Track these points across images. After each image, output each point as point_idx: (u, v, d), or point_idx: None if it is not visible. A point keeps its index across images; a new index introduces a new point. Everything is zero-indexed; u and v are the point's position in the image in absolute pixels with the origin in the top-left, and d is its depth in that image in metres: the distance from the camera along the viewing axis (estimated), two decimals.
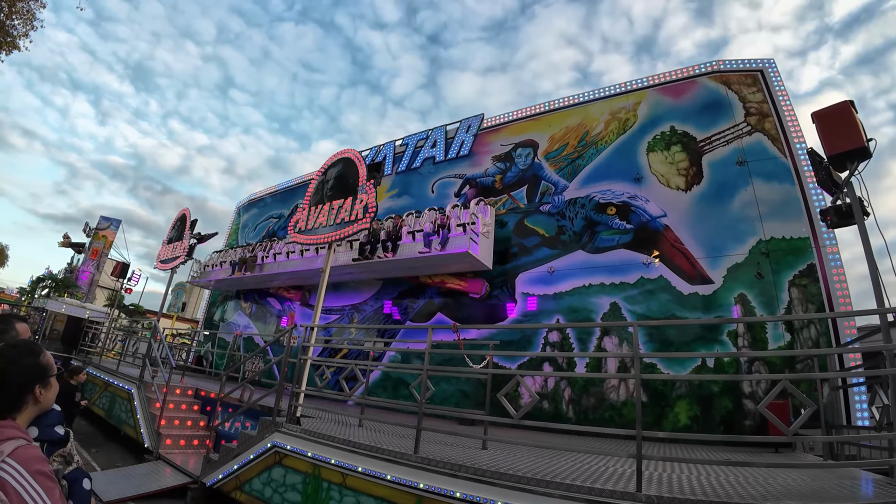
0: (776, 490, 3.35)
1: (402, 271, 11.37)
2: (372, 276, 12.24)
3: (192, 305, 48.36)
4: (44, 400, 1.51)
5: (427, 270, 11.05)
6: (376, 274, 11.94)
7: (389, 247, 10.51)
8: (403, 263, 10.65)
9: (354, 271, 11.74)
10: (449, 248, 9.69)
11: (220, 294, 18.08)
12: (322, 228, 7.05)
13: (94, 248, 27.36)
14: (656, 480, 3.62)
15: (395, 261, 10.50)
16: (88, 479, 1.72)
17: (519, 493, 3.41)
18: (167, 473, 6.61)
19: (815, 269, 7.31)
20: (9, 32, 12.24)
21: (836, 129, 4.59)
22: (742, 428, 7.02)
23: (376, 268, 11.24)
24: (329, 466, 4.67)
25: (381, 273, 11.82)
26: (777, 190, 7.98)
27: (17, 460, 1.26)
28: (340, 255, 11.39)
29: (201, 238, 11.41)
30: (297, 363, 5.94)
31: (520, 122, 11.72)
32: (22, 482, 1.23)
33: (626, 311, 8.58)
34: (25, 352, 1.50)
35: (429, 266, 10.65)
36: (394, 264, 10.76)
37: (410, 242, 10.44)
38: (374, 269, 11.33)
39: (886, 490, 3.46)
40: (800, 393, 3.02)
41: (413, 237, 10.46)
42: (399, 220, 11.14)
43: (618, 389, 8.19)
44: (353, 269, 11.45)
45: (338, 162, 7.42)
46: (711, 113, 9.07)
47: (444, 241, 9.70)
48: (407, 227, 10.73)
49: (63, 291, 21.96)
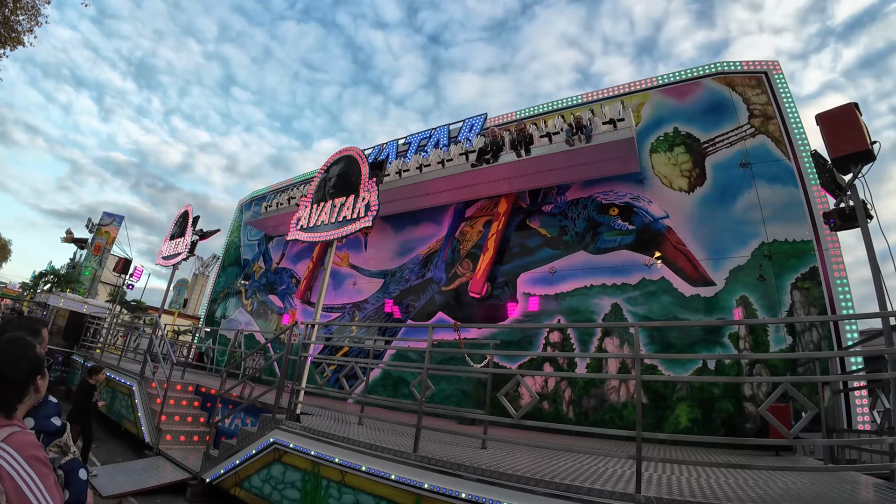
0: (776, 493, 3.34)
1: (535, 178, 10.32)
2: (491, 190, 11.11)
3: (193, 302, 48.47)
4: (41, 389, 1.56)
5: (568, 175, 9.96)
6: (500, 183, 10.76)
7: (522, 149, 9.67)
8: (542, 162, 9.71)
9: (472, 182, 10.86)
10: (596, 140, 8.93)
11: (222, 291, 18.11)
12: (323, 226, 7.05)
13: (97, 244, 27.47)
14: (656, 482, 3.61)
15: (530, 160, 9.64)
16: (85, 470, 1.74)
17: (519, 493, 3.41)
18: (167, 469, 6.63)
19: (817, 273, 7.29)
20: (13, 28, 12.28)
21: (841, 132, 4.57)
22: (743, 431, 7.00)
23: (497, 174, 10.38)
24: (328, 464, 4.67)
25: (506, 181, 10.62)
26: (780, 192, 7.95)
27: (12, 445, 1.28)
28: (450, 166, 10.82)
29: (203, 235, 11.42)
30: (298, 360, 5.95)
31: (523, 121, 11.69)
32: (16, 466, 1.24)
33: (628, 313, 8.57)
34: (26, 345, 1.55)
35: (572, 167, 9.60)
36: (529, 165, 9.83)
37: (547, 144, 9.57)
38: (494, 176, 10.44)
39: (887, 494, 3.45)
40: (801, 396, 3.01)
41: (550, 139, 9.57)
42: (523, 125, 10.25)
43: (618, 391, 8.18)
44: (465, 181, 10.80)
45: (340, 160, 7.42)
46: (715, 114, 9.04)
47: (588, 136, 8.97)
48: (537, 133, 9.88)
49: (65, 286, 22.04)
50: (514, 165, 10.00)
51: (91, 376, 6.93)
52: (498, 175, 10.45)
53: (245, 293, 16.87)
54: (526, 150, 9.69)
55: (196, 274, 53.43)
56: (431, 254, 11.91)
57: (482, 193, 11.35)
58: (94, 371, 7.01)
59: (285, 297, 15.18)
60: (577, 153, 9.22)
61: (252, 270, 17.02)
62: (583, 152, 9.18)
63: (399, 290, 12.09)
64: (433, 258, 11.81)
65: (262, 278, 16.41)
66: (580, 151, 9.17)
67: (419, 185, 11.42)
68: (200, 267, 53.34)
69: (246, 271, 17.33)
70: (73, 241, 25.65)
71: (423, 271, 11.81)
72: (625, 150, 8.97)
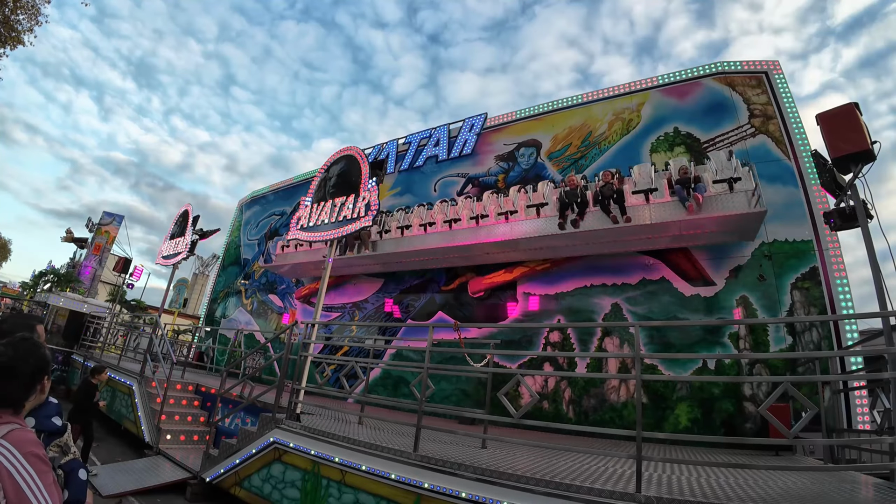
0: (776, 493, 3.34)
1: (628, 243, 8.48)
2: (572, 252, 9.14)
3: (193, 301, 48.48)
4: (46, 391, 1.57)
5: (666, 242, 8.25)
6: (583, 247, 8.88)
7: (615, 209, 7.93)
8: (642, 230, 7.91)
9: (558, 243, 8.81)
10: (710, 208, 7.31)
11: (222, 290, 18.11)
12: (324, 226, 7.05)
13: (97, 244, 27.46)
14: (656, 482, 3.61)
15: (631, 227, 7.83)
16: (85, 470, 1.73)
17: (519, 493, 3.41)
18: (167, 468, 6.63)
19: (817, 272, 7.29)
20: (13, 27, 12.28)
21: (841, 132, 4.57)
22: (743, 430, 7.00)
23: (589, 238, 8.46)
24: (328, 464, 4.67)
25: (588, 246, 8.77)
26: (780, 192, 7.95)
27: (11, 442, 1.28)
28: (521, 224, 8.98)
29: (203, 234, 11.43)
30: (298, 360, 5.95)
31: (523, 121, 11.71)
32: (14, 463, 1.24)
33: (628, 312, 8.57)
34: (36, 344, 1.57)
35: (678, 234, 7.90)
36: (626, 231, 7.99)
37: (644, 205, 7.91)
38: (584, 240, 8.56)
39: (887, 494, 3.45)
40: (801, 396, 3.01)
41: (647, 198, 7.89)
42: (610, 176, 8.36)
43: (618, 390, 8.18)
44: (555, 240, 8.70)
45: (341, 159, 7.42)
46: (715, 114, 9.04)
47: (700, 193, 7.25)
48: (627, 185, 8.18)
49: (65, 286, 22.03)
50: (603, 231, 8.12)
51: (93, 376, 6.93)
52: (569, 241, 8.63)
53: (245, 293, 16.86)
54: (621, 210, 7.79)
55: (196, 273, 53.45)
56: None
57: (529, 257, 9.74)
58: (97, 371, 7.01)
59: (285, 296, 15.18)
60: (690, 221, 7.49)
61: (252, 270, 17.02)
62: (698, 221, 7.44)
63: (399, 289, 12.08)
64: None
65: (262, 278, 16.40)
66: (695, 221, 7.43)
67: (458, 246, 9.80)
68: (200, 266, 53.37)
69: (246, 271, 17.32)
70: (73, 241, 25.63)
71: (424, 270, 11.80)
72: (751, 224, 7.31)
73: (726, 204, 7.28)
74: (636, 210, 7.92)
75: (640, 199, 8.02)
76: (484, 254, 9.91)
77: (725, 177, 7.44)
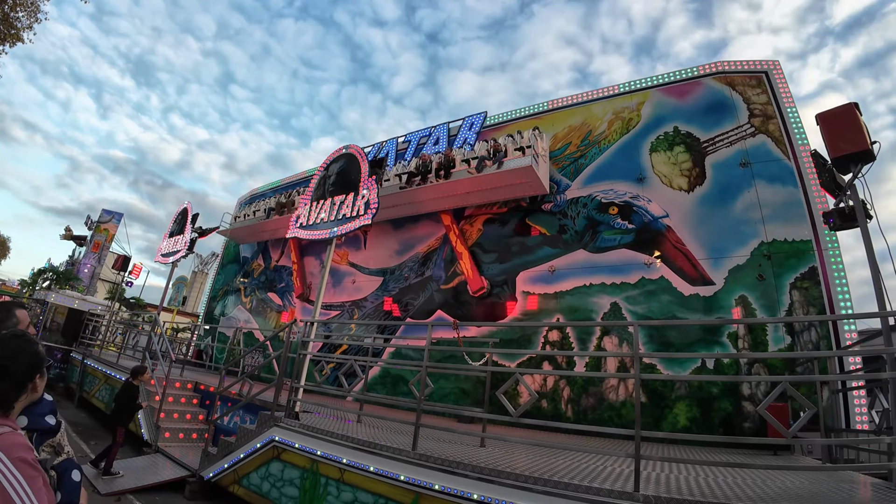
0: (774, 492, 3.34)
1: (454, 199, 11.23)
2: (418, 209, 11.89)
3: (192, 300, 48.42)
4: (39, 389, 1.54)
5: (479, 198, 10.89)
6: (424, 205, 11.65)
7: (442, 174, 10.57)
8: (458, 187, 10.58)
9: (400, 203, 11.55)
10: (507, 166, 9.68)
11: (221, 288, 18.10)
12: (323, 224, 7.05)
13: (96, 241, 27.44)
14: (654, 481, 3.61)
15: (448, 184, 10.51)
16: (78, 471, 1.69)
17: (518, 491, 3.41)
18: (166, 466, 6.63)
19: (816, 272, 7.29)
20: (13, 25, 12.25)
21: (841, 132, 4.57)
22: (741, 430, 7.02)
23: (425, 195, 11.16)
24: (327, 462, 4.68)
25: (430, 203, 11.51)
26: (780, 192, 7.95)
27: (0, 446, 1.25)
28: (386, 186, 11.30)
29: (202, 232, 11.44)
30: (297, 358, 5.94)
31: (522, 120, 11.70)
32: (2, 469, 1.21)
33: (627, 312, 8.57)
34: (28, 341, 1.53)
35: (484, 191, 10.51)
36: (447, 189, 10.74)
37: (466, 168, 10.44)
38: (423, 196, 11.22)
39: (885, 494, 3.45)
40: (800, 395, 3.01)
41: (469, 164, 10.44)
42: (449, 151, 11.24)
43: (617, 389, 8.19)
44: (401, 199, 11.36)
45: (340, 157, 7.41)
46: (715, 114, 9.04)
47: (499, 163, 9.76)
48: (459, 157, 10.88)
49: (64, 284, 22.01)
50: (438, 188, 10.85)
51: (135, 378, 6.88)
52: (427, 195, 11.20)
53: (244, 291, 16.86)
54: (446, 175, 10.74)
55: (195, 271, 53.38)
56: (431, 252, 11.90)
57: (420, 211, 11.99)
58: (139, 372, 6.94)
59: (284, 294, 15.18)
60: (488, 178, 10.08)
61: (251, 268, 17.02)
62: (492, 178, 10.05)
63: (398, 288, 12.09)
64: (432, 256, 11.80)
65: (261, 276, 16.41)
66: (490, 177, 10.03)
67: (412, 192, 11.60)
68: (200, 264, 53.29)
69: (245, 269, 17.32)
70: (73, 239, 25.64)
71: (423, 269, 11.81)
72: (529, 176, 9.73)
73: (516, 164, 9.58)
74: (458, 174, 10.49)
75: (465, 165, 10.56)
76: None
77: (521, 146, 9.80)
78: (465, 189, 10.66)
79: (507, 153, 9.94)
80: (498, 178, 9.97)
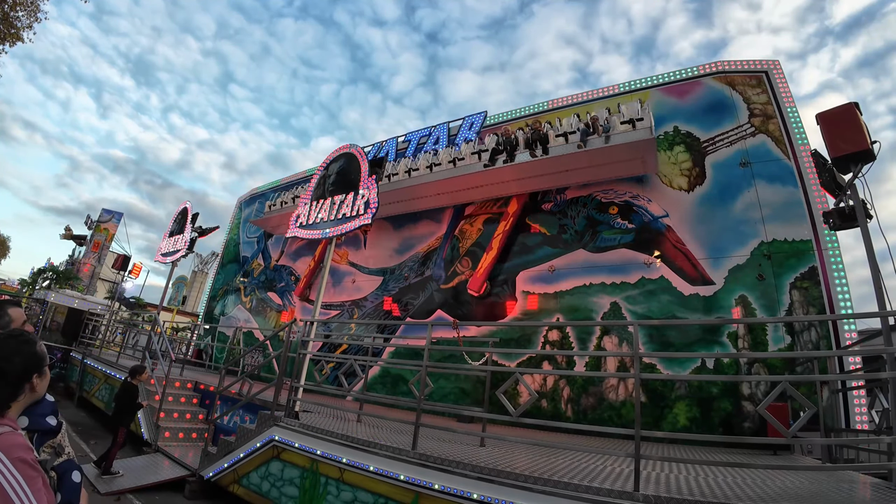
0: (774, 492, 3.34)
1: (551, 178, 9.93)
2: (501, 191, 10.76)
3: (192, 299, 48.41)
4: (38, 389, 1.52)
5: (581, 176, 9.61)
6: (512, 184, 10.40)
7: (538, 148, 9.35)
8: (558, 163, 9.33)
9: (485, 183, 10.46)
10: (615, 140, 8.57)
11: (221, 288, 18.10)
12: (323, 223, 7.04)
13: (96, 241, 27.43)
14: (654, 480, 3.61)
15: (546, 160, 9.27)
16: (79, 472, 1.68)
17: (517, 491, 3.41)
18: (165, 466, 6.63)
19: (816, 272, 7.29)
20: (12, 24, 12.24)
21: (841, 131, 4.56)
22: (741, 430, 7.01)
23: (513, 174, 9.96)
24: (327, 461, 4.67)
25: (518, 181, 10.25)
26: (780, 192, 7.95)
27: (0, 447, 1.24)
28: (462, 165, 10.42)
29: (202, 232, 11.42)
30: (297, 358, 5.94)
31: (522, 119, 11.69)
32: (1, 469, 1.21)
33: (627, 311, 8.57)
34: (25, 341, 1.51)
35: (587, 168, 9.26)
36: (544, 165, 9.46)
37: (563, 144, 9.22)
38: (511, 175, 10.05)
39: (885, 494, 3.45)
40: (799, 395, 3.01)
41: (566, 138, 9.24)
42: (537, 124, 10.21)
43: (617, 389, 8.19)
44: (482, 177, 10.25)
45: (340, 157, 7.41)
46: (715, 114, 9.04)
47: (607, 136, 8.64)
48: (551, 132, 9.60)
49: (64, 283, 22.00)
50: (528, 166, 9.62)
51: (133, 377, 6.87)
52: (511, 176, 10.11)
53: (244, 290, 16.86)
54: (543, 150, 9.32)
55: (195, 271, 53.39)
56: (431, 251, 11.90)
57: (493, 194, 11.03)
58: (137, 371, 6.93)
59: (284, 294, 15.18)
60: (595, 153, 8.84)
61: (251, 268, 17.01)
62: (601, 153, 8.80)
63: (398, 287, 12.09)
64: (432, 256, 11.80)
65: (261, 275, 16.40)
66: (598, 152, 8.80)
67: (428, 185, 11.05)
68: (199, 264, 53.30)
69: (245, 268, 17.32)
70: (72, 238, 25.60)
71: (423, 269, 11.81)
72: (643, 151, 8.61)
73: (627, 137, 8.53)
74: (555, 150, 9.28)
75: (561, 141, 9.36)
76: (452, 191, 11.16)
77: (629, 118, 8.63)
78: (563, 166, 9.40)
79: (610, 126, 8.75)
80: (604, 154, 8.80)
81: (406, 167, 11.65)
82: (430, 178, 10.97)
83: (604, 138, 8.65)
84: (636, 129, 8.42)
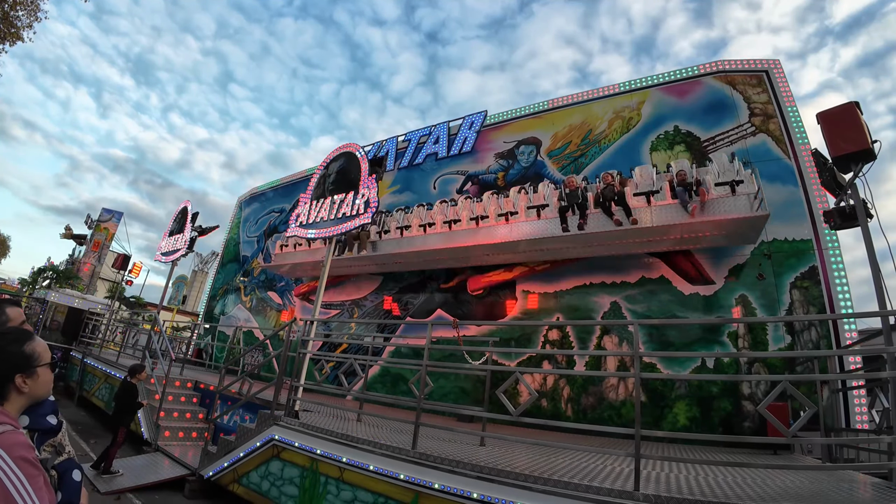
0: (774, 492, 3.34)
1: (629, 245, 8.37)
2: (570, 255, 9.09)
3: (192, 298, 48.41)
4: (31, 390, 1.47)
5: (668, 245, 8.21)
6: (583, 249, 8.78)
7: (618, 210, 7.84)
8: (644, 232, 7.84)
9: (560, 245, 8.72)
10: (713, 211, 7.27)
11: (221, 287, 18.10)
12: (323, 223, 7.04)
13: (96, 240, 27.44)
14: (654, 480, 3.61)
15: (635, 229, 7.77)
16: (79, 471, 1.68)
17: (517, 490, 3.41)
18: (165, 465, 6.63)
19: (816, 272, 7.29)
20: (12, 24, 12.24)
21: (841, 131, 4.55)
22: (741, 429, 7.01)
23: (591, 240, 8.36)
24: (327, 461, 4.67)
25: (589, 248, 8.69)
26: (780, 191, 7.94)
27: (1, 445, 1.23)
28: (522, 225, 8.87)
29: (202, 231, 11.42)
30: (297, 357, 5.94)
31: (523, 119, 11.69)
32: (4, 467, 1.20)
33: (627, 311, 8.57)
34: (10, 340, 1.47)
35: (680, 237, 7.86)
36: (629, 233, 7.94)
37: (645, 207, 7.84)
38: (586, 242, 8.44)
39: (885, 494, 3.45)
40: (800, 395, 3.01)
41: (649, 200, 7.83)
42: (611, 178, 8.29)
43: (617, 389, 8.19)
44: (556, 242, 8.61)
45: (340, 156, 7.41)
46: (716, 113, 9.03)
47: (701, 204, 7.33)
48: (629, 188, 8.11)
49: (64, 283, 22.00)
50: (605, 234, 8.03)
51: (132, 376, 6.86)
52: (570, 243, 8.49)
53: (244, 290, 16.85)
54: (626, 213, 7.76)
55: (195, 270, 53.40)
56: None
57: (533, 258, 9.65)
58: (136, 371, 6.91)
59: (284, 293, 15.17)
60: (692, 224, 7.45)
61: (251, 267, 17.01)
62: (699, 225, 7.42)
63: (398, 287, 12.08)
64: None
65: (261, 275, 16.39)
66: (697, 224, 7.40)
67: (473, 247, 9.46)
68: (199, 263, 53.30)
69: (245, 268, 17.31)
70: (72, 238, 25.59)
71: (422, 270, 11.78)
72: (753, 227, 7.25)
73: (728, 207, 7.22)
74: (638, 213, 7.84)
75: (641, 201, 7.96)
76: (483, 255, 9.84)
77: (727, 179, 7.37)
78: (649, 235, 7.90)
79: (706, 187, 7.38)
80: (707, 226, 7.40)
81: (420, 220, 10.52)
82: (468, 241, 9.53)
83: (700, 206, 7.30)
84: (736, 195, 7.21)
